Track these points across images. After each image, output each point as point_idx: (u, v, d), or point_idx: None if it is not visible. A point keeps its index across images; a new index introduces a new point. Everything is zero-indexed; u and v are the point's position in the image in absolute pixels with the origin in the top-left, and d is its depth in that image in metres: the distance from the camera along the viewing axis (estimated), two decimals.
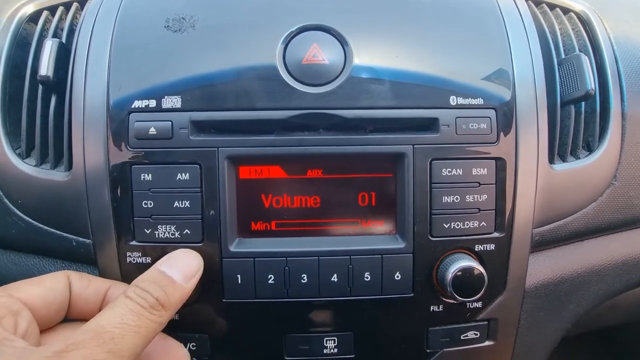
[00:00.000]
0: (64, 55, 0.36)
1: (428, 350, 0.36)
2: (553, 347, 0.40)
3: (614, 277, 0.41)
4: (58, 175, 0.35)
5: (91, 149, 0.34)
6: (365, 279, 0.33)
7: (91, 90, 0.34)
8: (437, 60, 0.34)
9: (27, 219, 0.36)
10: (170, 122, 0.32)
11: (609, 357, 0.94)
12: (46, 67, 0.34)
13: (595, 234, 0.40)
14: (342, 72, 0.33)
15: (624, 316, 0.51)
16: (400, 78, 0.34)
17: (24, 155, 0.37)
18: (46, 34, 0.39)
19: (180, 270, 0.29)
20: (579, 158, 0.38)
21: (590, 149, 0.39)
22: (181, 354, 0.31)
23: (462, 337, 0.36)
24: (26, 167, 0.36)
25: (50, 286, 0.29)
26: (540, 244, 0.37)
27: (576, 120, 0.39)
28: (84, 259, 0.35)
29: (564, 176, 0.37)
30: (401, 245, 0.34)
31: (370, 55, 0.33)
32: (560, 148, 0.38)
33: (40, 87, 0.36)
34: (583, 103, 0.39)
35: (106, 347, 0.23)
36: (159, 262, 0.30)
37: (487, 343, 0.37)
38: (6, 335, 0.24)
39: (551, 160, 0.37)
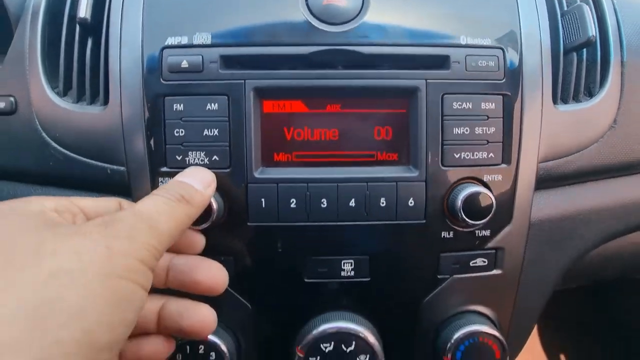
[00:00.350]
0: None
1: (439, 276, 0.38)
2: (555, 285, 0.42)
3: (614, 219, 0.43)
4: (95, 110, 0.38)
5: (127, 84, 0.36)
6: (381, 204, 0.36)
7: (127, 30, 0.37)
8: (449, 4, 0.37)
9: (65, 151, 0.38)
10: (200, 57, 0.35)
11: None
12: (84, 10, 0.37)
13: (597, 176, 0.42)
14: (359, 12, 0.36)
15: (619, 269, 0.53)
16: (414, 19, 0.36)
17: (62, 95, 0.39)
18: None
19: (198, 179, 0.32)
20: (581, 102, 0.41)
21: (591, 95, 0.41)
22: (221, 275, 0.33)
23: (471, 264, 0.38)
24: (65, 104, 0.38)
25: (104, 204, 0.32)
26: (545, 180, 0.39)
27: (578, 67, 0.41)
28: (117, 188, 0.38)
29: (566, 116, 0.39)
30: (414, 173, 0.36)
31: None
32: (563, 93, 0.41)
33: (77, 30, 0.39)
34: (585, 51, 0.41)
35: (146, 223, 0.26)
36: (177, 175, 0.33)
37: (494, 272, 0.39)
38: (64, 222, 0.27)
39: (555, 101, 0.39)
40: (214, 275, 0.33)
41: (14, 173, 0.41)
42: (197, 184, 0.32)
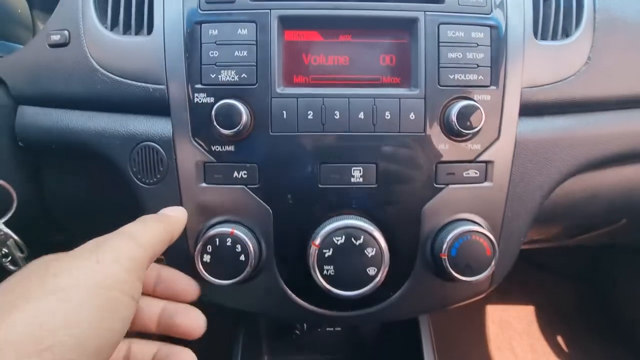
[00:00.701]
0: None
1: (436, 185, 0.43)
2: (541, 202, 0.47)
3: (591, 145, 0.48)
4: (140, 39, 0.44)
5: (170, 14, 0.42)
6: (386, 117, 0.42)
7: None
8: None
9: (112, 75, 0.44)
10: None
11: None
12: None
13: (577, 109, 0.48)
14: None
15: (606, 205, 0.58)
16: None
17: (110, 28, 0.45)
18: None
19: (170, 210, 0.41)
20: (559, 40, 0.47)
21: (568, 36, 0.48)
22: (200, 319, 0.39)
23: (464, 175, 0.43)
24: (113, 35, 0.44)
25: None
26: (528, 106, 0.45)
27: (556, 12, 0.47)
28: (156, 107, 0.43)
29: (546, 50, 0.45)
30: (415, 92, 0.42)
31: None
32: (544, 33, 0.47)
33: None
34: None
35: (129, 238, 0.32)
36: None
37: (485, 184, 0.44)
38: None
39: (535, 37, 0.45)
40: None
41: (64, 100, 0.47)
42: (169, 211, 0.40)
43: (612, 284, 1.39)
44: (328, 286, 0.41)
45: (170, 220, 0.38)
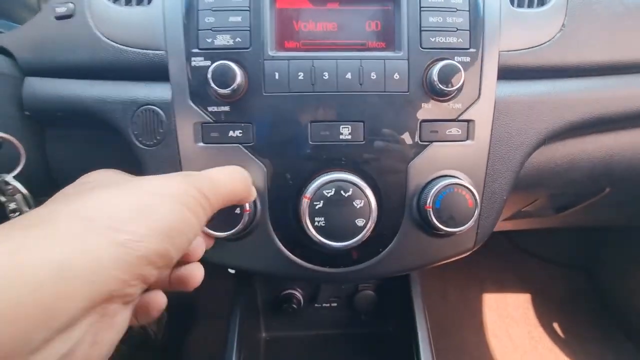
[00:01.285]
0: None
1: (421, 142, 0.46)
2: (522, 161, 0.50)
3: (568, 108, 0.51)
4: (141, 8, 0.47)
5: None
6: (372, 77, 0.44)
7: None
8: None
9: (114, 43, 0.47)
10: None
11: None
12: None
13: (555, 75, 0.51)
14: None
15: (587, 172, 0.60)
16: None
17: (113, 0, 0.48)
18: None
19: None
20: (534, 8, 0.50)
21: (544, 4, 0.51)
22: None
23: (447, 132, 0.46)
24: (116, 6, 0.47)
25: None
26: (507, 70, 0.48)
27: None
28: (157, 72, 0.46)
29: (522, 16, 0.48)
30: (399, 54, 0.45)
31: None
32: (520, 3, 0.50)
33: None
34: None
35: (210, 181, 0.34)
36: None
37: (467, 142, 0.47)
38: None
39: (512, 5, 0.48)
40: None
41: (69, 69, 0.49)
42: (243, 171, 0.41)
43: (605, 270, 1.41)
44: (319, 237, 0.44)
45: (246, 176, 0.40)
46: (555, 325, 1.37)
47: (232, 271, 0.80)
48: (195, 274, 0.38)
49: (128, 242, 0.25)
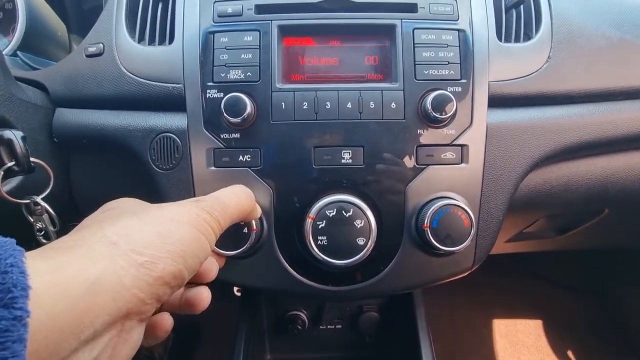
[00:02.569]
0: None
1: (417, 165, 0.49)
2: (516, 183, 0.52)
3: (559, 133, 0.53)
4: (163, 47, 0.52)
5: (188, 26, 0.51)
6: (371, 106, 0.48)
7: None
8: None
9: (138, 78, 0.52)
10: (241, 6, 0.50)
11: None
12: None
13: (542, 101, 0.54)
14: None
15: (583, 193, 0.62)
16: None
17: (137, 41, 0.54)
18: None
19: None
20: (521, 43, 0.54)
21: (530, 38, 0.55)
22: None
23: (442, 156, 0.49)
24: (140, 46, 0.53)
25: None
26: (497, 98, 0.51)
27: (517, 20, 0.55)
28: (174, 103, 0.51)
29: (510, 50, 0.52)
30: (395, 85, 0.49)
31: None
32: (507, 37, 0.54)
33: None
34: (522, 9, 0.55)
35: (220, 204, 0.37)
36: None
37: (462, 165, 0.50)
38: None
39: (500, 40, 0.52)
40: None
41: (96, 101, 0.54)
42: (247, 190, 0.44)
43: (617, 293, 1.37)
44: (322, 255, 0.46)
45: (252, 202, 0.42)
46: (569, 353, 1.33)
47: (238, 293, 0.82)
48: (203, 297, 0.41)
49: (146, 264, 0.28)
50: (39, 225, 0.46)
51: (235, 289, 0.87)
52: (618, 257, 1.37)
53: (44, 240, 0.47)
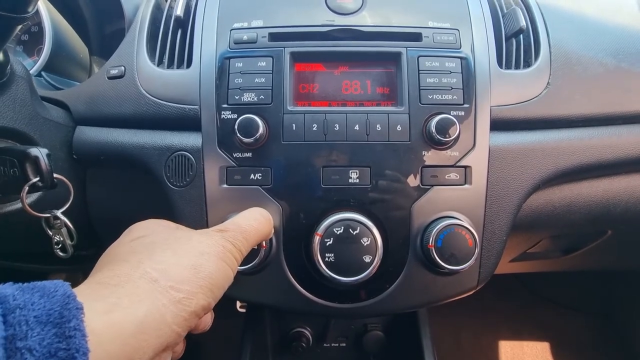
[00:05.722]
0: (189, 2, 0.58)
1: (422, 186, 0.50)
2: (519, 204, 0.54)
3: (560, 156, 0.55)
4: (181, 71, 0.55)
5: (206, 52, 0.54)
6: (377, 129, 0.50)
7: (207, 20, 0.56)
8: (421, 2, 0.55)
9: (156, 99, 0.55)
10: (256, 33, 0.53)
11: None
12: (180, 10, 0.57)
13: (543, 125, 0.56)
14: (361, 6, 0.54)
15: (585, 214, 0.62)
16: (398, 10, 0.54)
17: (157, 64, 0.57)
18: None
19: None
20: (522, 69, 0.56)
21: (529, 65, 0.57)
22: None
23: (446, 177, 0.51)
24: (160, 69, 0.56)
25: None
26: (499, 122, 0.53)
27: (517, 48, 0.58)
28: (189, 123, 0.53)
29: (511, 77, 0.55)
30: (401, 109, 0.51)
31: None
32: (508, 65, 0.57)
33: (172, 23, 0.58)
34: (522, 38, 0.58)
35: (242, 234, 0.40)
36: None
37: (466, 186, 0.51)
38: None
39: (500, 67, 0.55)
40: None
41: (115, 120, 0.57)
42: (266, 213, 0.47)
43: (626, 315, 1.35)
44: (329, 272, 0.47)
45: (270, 225, 0.46)
46: None
47: (242, 309, 0.82)
48: (206, 319, 0.42)
49: (183, 300, 0.31)
50: (56, 238, 0.48)
51: (238, 305, 0.87)
52: (624, 279, 1.35)
53: (60, 253, 0.48)
